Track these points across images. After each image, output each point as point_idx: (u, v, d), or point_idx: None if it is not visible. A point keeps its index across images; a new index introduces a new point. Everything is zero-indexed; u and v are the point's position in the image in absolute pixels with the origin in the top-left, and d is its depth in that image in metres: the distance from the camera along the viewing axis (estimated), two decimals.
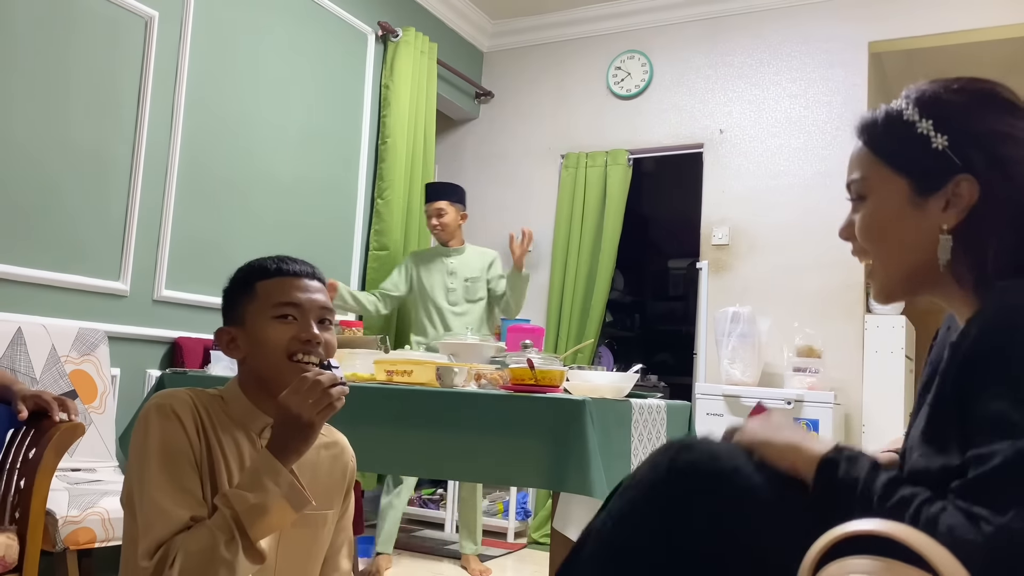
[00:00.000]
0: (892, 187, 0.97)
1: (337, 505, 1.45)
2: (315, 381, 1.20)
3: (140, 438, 1.24)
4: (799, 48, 4.25)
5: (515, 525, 4.27)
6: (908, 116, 0.97)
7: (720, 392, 3.78)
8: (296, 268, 1.37)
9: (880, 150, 0.99)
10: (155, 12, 3.09)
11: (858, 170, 1.01)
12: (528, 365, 2.06)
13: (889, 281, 1.00)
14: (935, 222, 0.94)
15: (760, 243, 4.21)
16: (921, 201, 0.95)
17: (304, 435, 1.20)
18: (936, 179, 0.94)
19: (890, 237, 0.98)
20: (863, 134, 1.02)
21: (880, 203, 0.99)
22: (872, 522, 0.66)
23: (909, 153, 0.96)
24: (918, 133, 0.95)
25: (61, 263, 2.80)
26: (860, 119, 1.03)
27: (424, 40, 4.48)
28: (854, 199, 1.02)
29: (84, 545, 2.14)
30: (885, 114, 1.00)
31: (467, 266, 3.77)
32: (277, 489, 1.17)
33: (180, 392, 1.30)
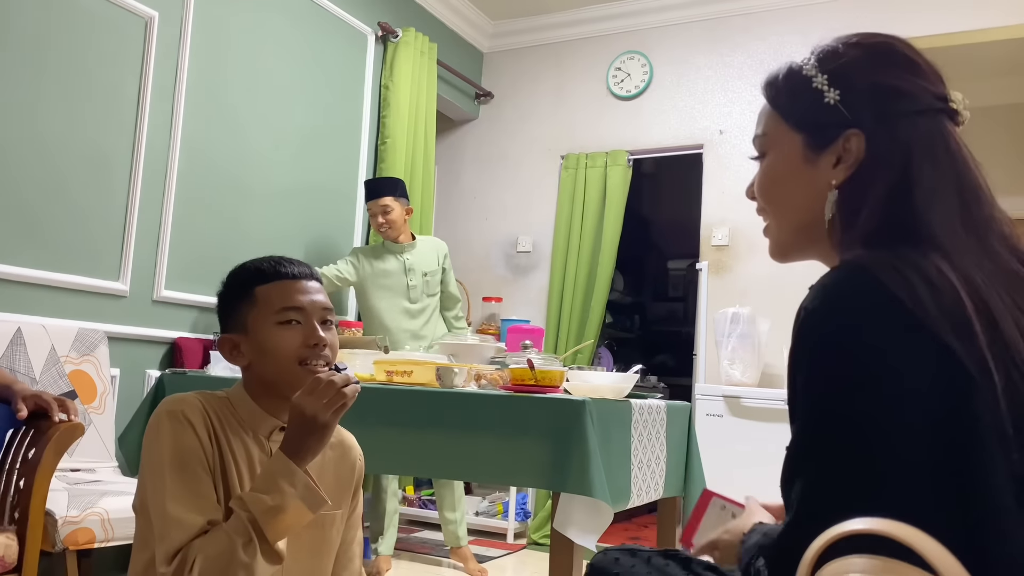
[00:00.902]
0: (789, 143, 0.95)
1: (346, 505, 1.45)
2: (329, 382, 1.20)
3: (153, 444, 1.24)
4: (799, 49, 4.21)
5: (515, 526, 4.27)
6: (807, 71, 0.95)
7: (720, 393, 3.78)
8: (295, 270, 1.35)
9: (779, 106, 0.98)
10: (155, 12, 3.09)
11: (760, 126, 1.00)
12: (528, 365, 2.06)
13: (781, 237, 0.99)
14: (826, 178, 0.92)
15: (760, 244, 4.20)
16: (814, 157, 0.93)
17: (319, 436, 1.21)
18: (828, 134, 0.92)
19: (784, 193, 0.97)
20: (766, 90, 1.00)
21: (776, 159, 0.97)
22: (869, 521, 0.65)
23: (804, 108, 0.94)
24: (813, 88, 0.93)
25: (61, 263, 2.80)
26: (766, 74, 1.01)
27: (424, 40, 4.48)
28: (757, 157, 1.01)
29: (84, 545, 2.13)
30: (787, 69, 0.98)
31: (422, 260, 3.67)
32: (293, 490, 1.17)
33: (190, 396, 1.29)
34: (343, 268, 3.63)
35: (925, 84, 0.91)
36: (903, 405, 0.76)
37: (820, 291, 0.83)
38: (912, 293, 0.78)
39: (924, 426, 0.75)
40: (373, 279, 3.63)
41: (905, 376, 0.76)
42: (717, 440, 3.65)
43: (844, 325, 0.80)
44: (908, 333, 0.77)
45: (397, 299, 3.61)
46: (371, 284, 3.63)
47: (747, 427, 3.68)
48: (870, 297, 0.79)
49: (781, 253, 1.02)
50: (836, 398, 0.78)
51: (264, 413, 1.34)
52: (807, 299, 0.84)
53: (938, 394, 0.76)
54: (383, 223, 3.60)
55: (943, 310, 0.77)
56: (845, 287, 0.82)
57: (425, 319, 3.65)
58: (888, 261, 0.81)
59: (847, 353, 0.79)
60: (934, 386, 0.76)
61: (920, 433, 0.75)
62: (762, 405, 3.66)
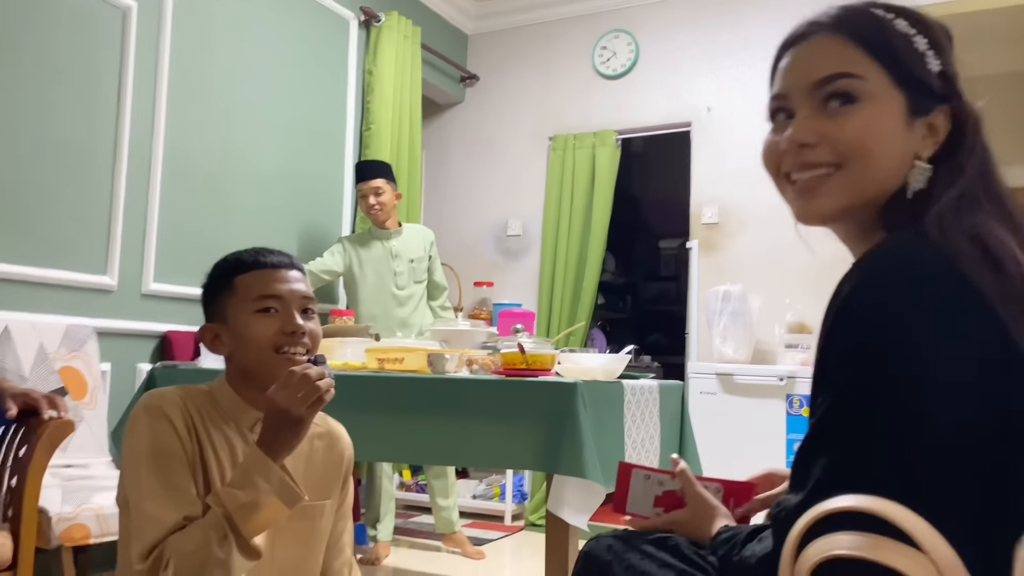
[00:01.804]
0: (890, 98, 0.86)
1: (335, 495, 1.44)
2: (304, 375, 1.18)
3: (131, 440, 1.24)
4: (786, 25, 4.20)
5: (512, 508, 4.29)
6: (902, 28, 0.87)
7: (713, 371, 3.79)
8: (274, 259, 1.36)
9: (880, 53, 0.86)
10: (133, 3, 3.05)
11: (845, 67, 0.87)
12: (519, 349, 2.06)
13: (854, 199, 0.87)
14: (915, 148, 0.86)
15: (750, 221, 4.21)
16: (911, 121, 0.86)
17: (294, 430, 1.19)
18: (928, 102, 0.86)
19: (882, 152, 0.86)
20: (844, 28, 0.89)
21: (880, 112, 0.86)
22: (856, 498, 0.65)
23: (911, 67, 0.86)
24: (915, 48, 0.87)
25: (47, 259, 2.77)
26: (841, 9, 0.91)
27: (407, 24, 4.44)
28: (834, 97, 0.87)
29: (79, 541, 2.13)
30: (880, 18, 0.88)
31: (409, 247, 3.67)
32: (268, 486, 1.16)
33: (169, 391, 1.29)
34: (328, 260, 3.62)
35: None
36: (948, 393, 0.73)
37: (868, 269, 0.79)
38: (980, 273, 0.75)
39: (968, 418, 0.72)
40: (359, 266, 3.63)
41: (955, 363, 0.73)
42: (711, 417, 3.67)
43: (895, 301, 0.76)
44: (966, 314, 0.74)
45: (384, 285, 3.61)
46: (358, 271, 3.63)
47: (740, 404, 3.69)
48: (929, 269, 0.76)
49: (829, 216, 0.90)
50: (877, 378, 0.75)
51: (245, 404, 1.34)
52: (856, 272, 0.80)
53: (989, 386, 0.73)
54: (375, 204, 3.59)
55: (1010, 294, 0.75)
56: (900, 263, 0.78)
57: (413, 306, 3.65)
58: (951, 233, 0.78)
59: (897, 330, 0.74)
60: (984, 376, 0.73)
61: (963, 424, 0.72)
62: (754, 382, 3.67)
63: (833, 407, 0.78)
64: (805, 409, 3.57)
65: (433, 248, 3.79)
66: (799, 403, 3.57)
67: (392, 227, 3.68)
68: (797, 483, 0.80)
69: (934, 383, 0.73)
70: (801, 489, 0.79)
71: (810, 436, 0.80)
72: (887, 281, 0.77)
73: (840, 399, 0.77)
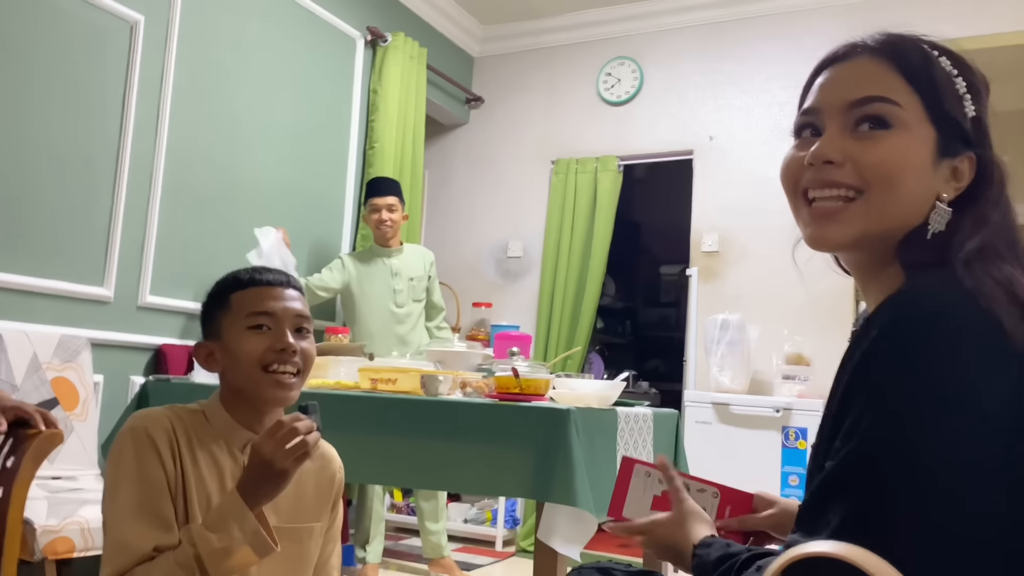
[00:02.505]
0: (923, 132, 0.84)
1: (325, 517, 1.43)
2: (292, 428, 1.17)
3: (113, 462, 1.23)
4: (790, 56, 4.26)
5: (504, 534, 4.25)
6: (946, 66, 0.86)
7: (709, 400, 3.77)
8: (270, 277, 1.36)
9: (921, 86, 0.85)
10: (141, 16, 3.06)
11: (885, 92, 0.85)
12: (513, 373, 2.04)
13: (872, 227, 0.85)
14: (937, 188, 0.84)
15: (750, 250, 4.20)
16: (939, 161, 0.84)
17: (276, 482, 1.18)
18: (957, 145, 0.85)
19: (907, 184, 0.83)
20: (889, 55, 0.87)
21: (911, 143, 0.83)
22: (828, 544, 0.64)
23: (948, 106, 0.84)
24: (956, 89, 0.85)
25: (44, 269, 2.77)
26: (880, 35, 0.89)
27: (414, 45, 4.46)
28: (867, 120, 0.85)
29: (63, 555, 2.11)
30: (920, 49, 0.87)
31: (409, 266, 3.69)
32: (241, 535, 1.15)
33: (157, 412, 1.28)
34: (326, 277, 3.63)
35: None
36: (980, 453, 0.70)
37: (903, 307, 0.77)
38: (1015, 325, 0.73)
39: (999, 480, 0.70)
40: (358, 283, 3.64)
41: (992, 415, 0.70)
42: (706, 447, 3.64)
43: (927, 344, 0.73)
44: (1003, 370, 0.72)
45: (383, 303, 3.61)
46: (356, 288, 3.64)
47: (736, 434, 3.67)
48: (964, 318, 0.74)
49: (843, 245, 0.87)
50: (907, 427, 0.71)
51: (236, 424, 1.33)
52: (884, 313, 0.77)
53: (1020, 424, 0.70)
54: (386, 220, 3.63)
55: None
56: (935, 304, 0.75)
57: (411, 324, 3.65)
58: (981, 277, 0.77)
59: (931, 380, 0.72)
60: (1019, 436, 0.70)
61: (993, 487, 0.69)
62: (751, 412, 3.65)
63: (858, 451, 0.74)
64: (801, 442, 3.54)
65: (432, 268, 3.80)
66: (795, 435, 3.55)
67: (394, 245, 3.71)
68: (810, 526, 0.76)
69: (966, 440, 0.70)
70: (815, 533, 0.75)
71: (829, 479, 0.76)
72: (921, 327, 0.74)
73: (866, 445, 0.74)
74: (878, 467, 0.72)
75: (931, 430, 0.71)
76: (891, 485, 0.71)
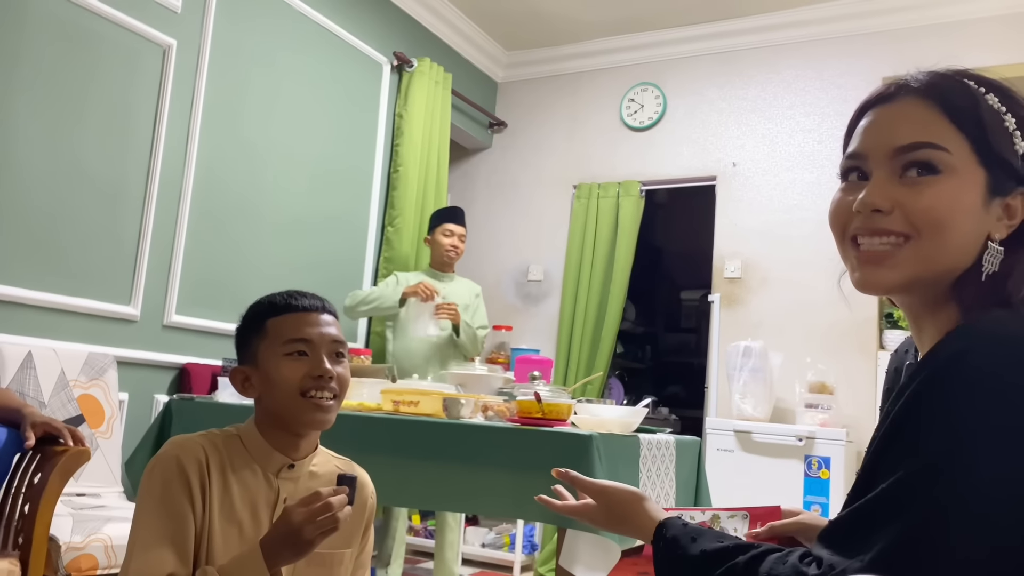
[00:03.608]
0: (973, 175, 0.83)
1: (356, 543, 1.43)
2: (326, 503, 1.17)
3: (143, 488, 1.25)
4: (813, 83, 4.26)
5: (522, 559, 4.22)
6: (994, 104, 0.84)
7: (731, 427, 3.73)
8: (306, 303, 1.36)
9: (968, 129, 0.83)
10: (173, 41, 3.13)
11: (932, 137, 0.84)
12: (535, 398, 2.04)
13: (923, 272, 0.84)
14: (989, 228, 0.83)
15: (773, 277, 4.19)
16: (989, 201, 0.83)
17: (298, 549, 1.18)
18: (1008, 183, 0.84)
19: (958, 229, 0.82)
20: (934, 96, 0.86)
21: (961, 187, 0.82)
22: None
23: (998, 146, 0.83)
24: (1004, 127, 0.84)
25: (72, 287, 2.81)
26: (922, 75, 0.88)
27: (439, 70, 4.52)
28: (914, 166, 0.84)
29: (86, 572, 2.12)
30: (963, 87, 0.86)
31: (457, 294, 3.75)
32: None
33: (192, 442, 1.29)
34: (381, 287, 3.71)
35: None
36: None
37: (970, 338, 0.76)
38: None
39: None
40: (415, 302, 3.67)
41: None
42: (727, 475, 3.61)
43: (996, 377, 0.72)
44: None
45: (426, 326, 3.63)
46: (407, 308, 3.68)
47: (758, 463, 3.63)
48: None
49: (893, 289, 0.87)
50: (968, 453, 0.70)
51: (272, 450, 1.33)
52: (949, 343, 0.77)
53: None
54: (457, 247, 3.77)
55: None
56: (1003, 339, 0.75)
57: (452, 349, 3.69)
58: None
59: (995, 407, 0.71)
60: None
61: None
62: (773, 440, 3.62)
63: (916, 475, 0.72)
64: (824, 471, 3.50)
65: (479, 299, 3.88)
66: (817, 464, 3.51)
67: (449, 272, 3.83)
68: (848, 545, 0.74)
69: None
70: (858, 553, 0.72)
71: (880, 498, 0.73)
72: (992, 355, 0.74)
73: (925, 470, 0.72)
74: (938, 492, 0.70)
75: (998, 459, 0.69)
76: (951, 512, 0.69)
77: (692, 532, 0.93)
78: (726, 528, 1.16)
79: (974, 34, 3.92)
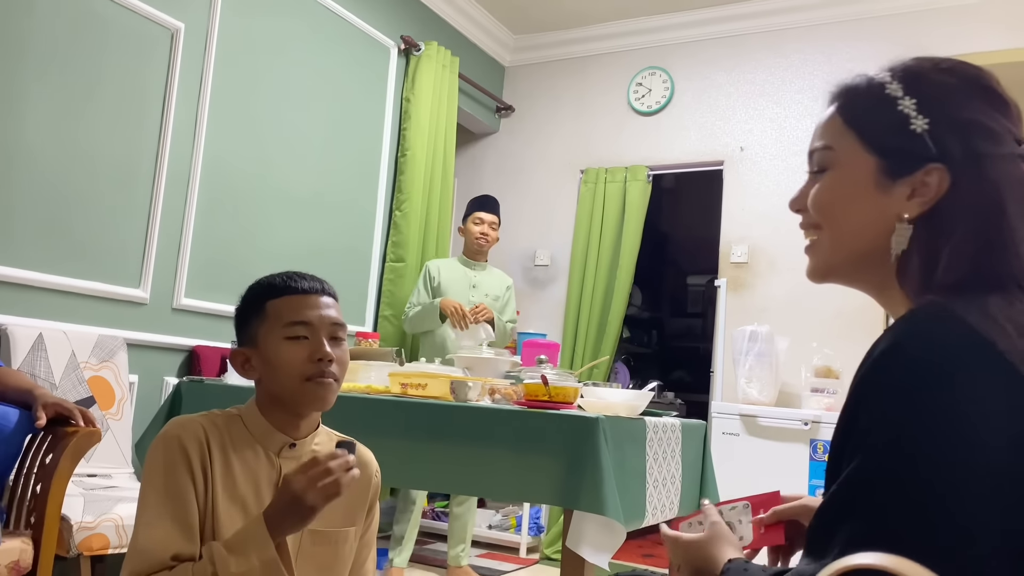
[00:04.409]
0: (860, 163, 0.89)
1: (360, 521, 1.44)
2: (326, 468, 1.18)
3: (146, 467, 1.26)
4: (821, 66, 4.24)
5: (528, 540, 4.25)
6: (891, 91, 0.88)
7: (736, 412, 3.75)
8: (305, 285, 1.36)
9: (854, 122, 0.91)
10: (181, 24, 3.13)
11: (825, 139, 0.93)
12: (542, 381, 2.05)
13: (832, 259, 0.93)
14: (897, 209, 0.86)
15: (779, 262, 4.18)
16: (888, 184, 0.87)
17: (302, 516, 1.18)
18: (909, 163, 0.86)
19: (847, 214, 0.90)
20: (838, 100, 0.93)
21: (844, 177, 0.90)
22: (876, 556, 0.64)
23: (885, 131, 0.88)
24: (898, 111, 0.87)
25: (83, 270, 2.83)
26: (837, 83, 0.94)
27: (446, 54, 4.50)
28: (814, 170, 0.94)
29: (98, 551, 2.15)
30: (867, 83, 0.91)
31: (488, 283, 3.82)
32: (258, 564, 1.16)
33: (193, 420, 1.30)
34: (422, 297, 3.74)
35: (1010, 125, 0.87)
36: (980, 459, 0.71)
37: (903, 331, 0.79)
38: (1007, 339, 0.74)
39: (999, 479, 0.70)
40: (441, 290, 3.74)
41: (986, 425, 0.71)
42: (733, 459, 3.62)
43: (927, 368, 0.75)
44: (997, 379, 0.73)
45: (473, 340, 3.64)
46: (438, 294, 3.73)
47: (763, 447, 3.64)
48: (958, 341, 0.75)
49: (823, 274, 0.95)
50: (906, 444, 0.73)
51: (273, 429, 1.34)
52: (884, 338, 0.80)
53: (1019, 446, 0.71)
54: (487, 235, 3.80)
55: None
56: (931, 330, 0.77)
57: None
58: (978, 307, 0.77)
59: (928, 399, 0.73)
60: (1016, 437, 0.71)
61: (994, 489, 0.70)
62: (778, 425, 3.63)
63: (861, 471, 0.75)
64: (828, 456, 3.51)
65: (510, 292, 3.92)
66: (823, 448, 3.52)
67: (481, 261, 3.87)
68: (816, 550, 0.77)
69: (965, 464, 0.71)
70: (821, 557, 0.75)
71: (834, 500, 0.77)
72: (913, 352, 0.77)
73: (870, 464, 0.75)
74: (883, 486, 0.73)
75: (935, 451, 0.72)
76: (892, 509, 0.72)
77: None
78: (731, 521, 1.17)
79: (982, 16, 3.89)
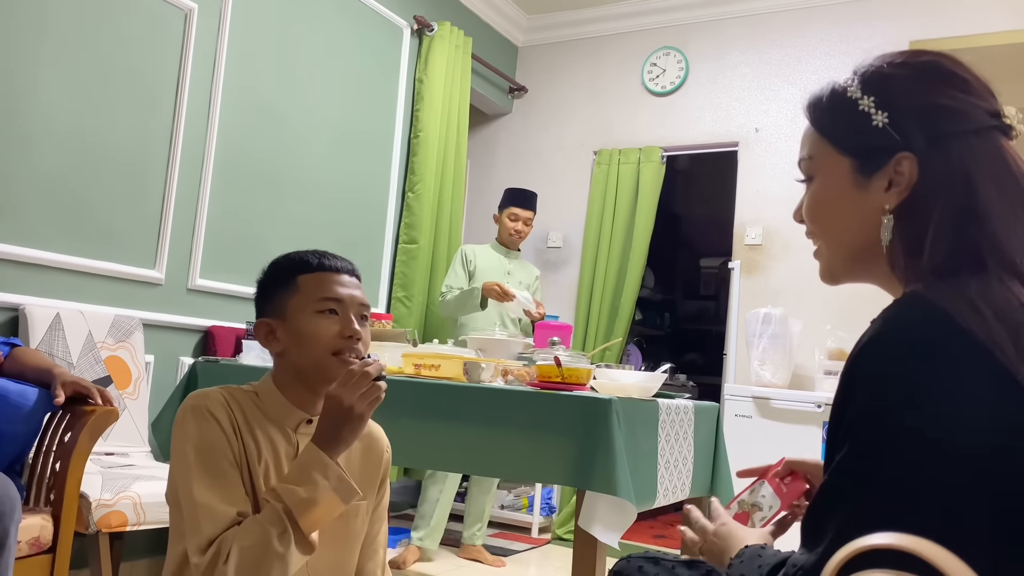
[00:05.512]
0: (836, 167, 0.94)
1: (372, 495, 1.46)
2: (364, 373, 1.23)
3: (179, 440, 1.27)
4: (838, 47, 4.19)
5: (539, 520, 4.28)
6: (851, 93, 0.93)
7: (749, 394, 3.74)
8: (337, 264, 1.39)
9: (824, 129, 0.96)
10: (194, 4, 3.13)
11: (805, 150, 0.98)
12: (555, 362, 2.06)
13: (833, 261, 0.97)
14: (878, 203, 0.90)
15: (794, 244, 4.16)
16: (864, 181, 0.91)
17: (353, 426, 1.23)
18: (878, 158, 0.90)
19: (834, 217, 0.95)
20: (810, 113, 0.99)
21: (825, 183, 0.96)
22: (893, 536, 0.64)
23: (851, 131, 0.92)
24: (860, 111, 0.91)
25: (99, 251, 2.85)
26: (808, 96, 1.00)
27: (459, 34, 4.48)
28: (804, 180, 0.99)
29: (116, 528, 2.18)
30: (830, 91, 0.97)
31: (521, 273, 3.87)
32: (326, 482, 1.19)
33: (213, 392, 1.32)
34: (460, 276, 3.76)
35: (976, 101, 0.88)
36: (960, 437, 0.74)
37: (884, 323, 0.82)
38: (983, 325, 0.76)
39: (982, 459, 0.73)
40: (476, 275, 3.76)
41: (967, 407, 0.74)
42: (745, 441, 3.62)
43: (907, 355, 0.78)
44: (975, 364, 0.75)
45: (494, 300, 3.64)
46: (473, 278, 3.76)
47: (776, 429, 3.64)
48: (936, 328, 0.78)
49: (832, 277, 0.99)
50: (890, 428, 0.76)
51: (291, 405, 1.36)
52: (869, 330, 0.83)
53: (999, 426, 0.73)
54: (521, 231, 3.83)
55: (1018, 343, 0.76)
56: (910, 319, 0.80)
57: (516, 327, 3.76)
58: (957, 292, 0.79)
59: (909, 385, 0.76)
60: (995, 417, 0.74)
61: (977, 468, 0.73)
62: (791, 407, 3.62)
63: (849, 460, 0.79)
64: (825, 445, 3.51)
65: (538, 282, 3.97)
66: None
67: (515, 252, 3.89)
68: (811, 539, 0.79)
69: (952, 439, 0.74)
70: (815, 547, 0.78)
71: (825, 490, 0.80)
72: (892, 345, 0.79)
73: (855, 453, 0.78)
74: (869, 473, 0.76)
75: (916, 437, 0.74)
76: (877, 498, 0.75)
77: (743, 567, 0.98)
78: (755, 502, 1.20)
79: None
